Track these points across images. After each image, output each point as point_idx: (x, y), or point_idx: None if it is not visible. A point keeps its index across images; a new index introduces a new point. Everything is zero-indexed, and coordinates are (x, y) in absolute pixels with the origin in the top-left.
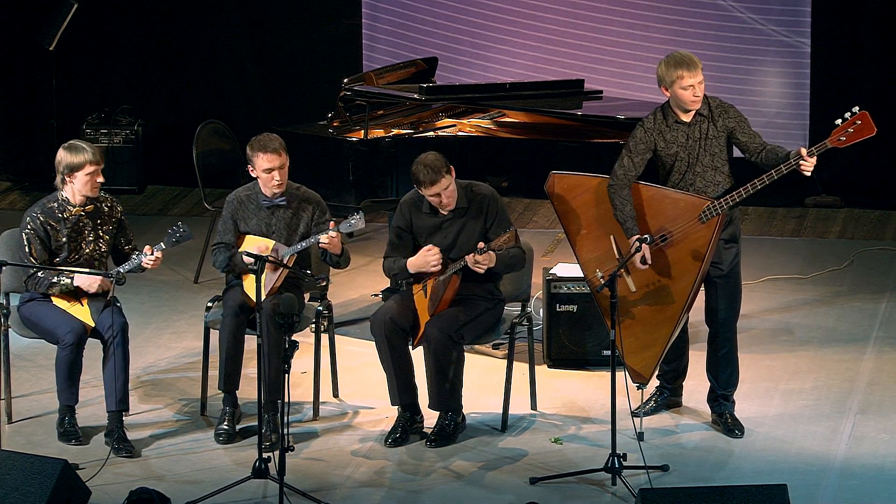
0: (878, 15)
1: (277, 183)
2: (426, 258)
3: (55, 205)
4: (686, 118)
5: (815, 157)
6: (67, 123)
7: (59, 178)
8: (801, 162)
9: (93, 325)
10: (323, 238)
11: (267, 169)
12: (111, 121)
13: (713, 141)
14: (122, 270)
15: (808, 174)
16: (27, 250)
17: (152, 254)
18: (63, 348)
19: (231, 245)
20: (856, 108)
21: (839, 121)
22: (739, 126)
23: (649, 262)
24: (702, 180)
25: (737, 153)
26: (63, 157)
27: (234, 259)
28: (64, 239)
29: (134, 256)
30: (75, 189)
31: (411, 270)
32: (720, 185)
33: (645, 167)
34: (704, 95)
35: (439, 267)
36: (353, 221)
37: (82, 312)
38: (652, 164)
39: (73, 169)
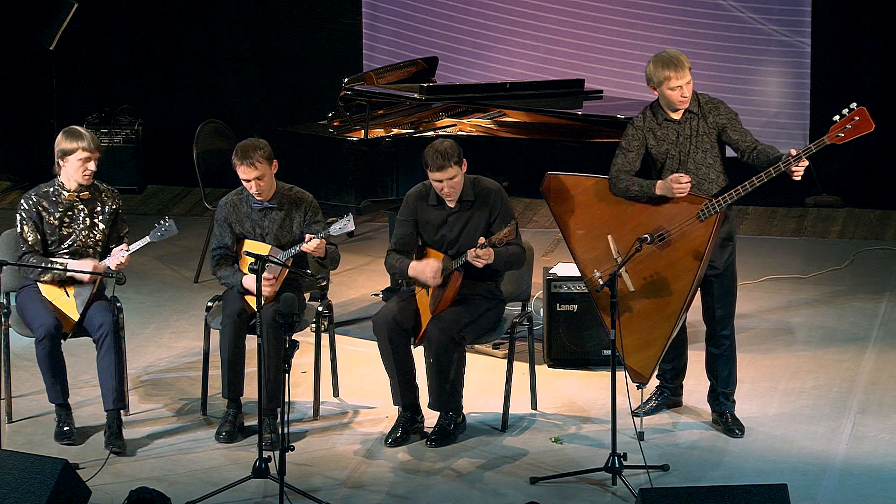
0: (877, 15)
1: (256, 192)
2: (425, 270)
3: (51, 189)
4: (676, 116)
5: (807, 160)
6: (67, 123)
7: (55, 163)
8: (792, 168)
9: (76, 317)
10: (305, 246)
11: (245, 179)
12: (111, 121)
13: (704, 137)
14: (110, 266)
15: (798, 178)
16: (19, 231)
17: (123, 252)
18: (37, 343)
19: (230, 250)
20: (853, 105)
21: (837, 117)
22: (730, 123)
23: (685, 181)
24: (695, 177)
25: (730, 152)
26: (60, 140)
27: (233, 278)
28: (56, 222)
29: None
30: (68, 174)
31: (410, 274)
32: (714, 182)
33: (640, 166)
34: (694, 92)
35: (439, 281)
36: (342, 225)
37: (68, 303)
38: (645, 163)
39: (65, 153)
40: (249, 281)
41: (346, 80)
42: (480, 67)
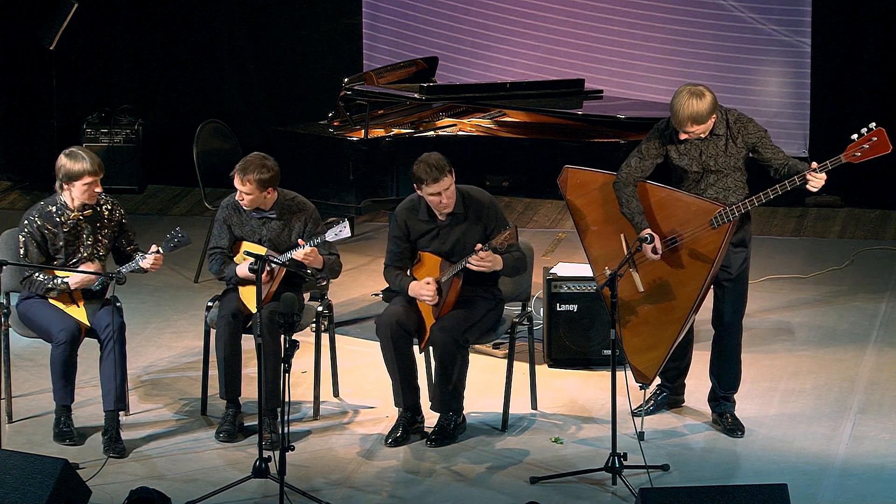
0: (877, 15)
1: (245, 202)
2: (420, 291)
3: (53, 209)
4: (701, 134)
5: (825, 174)
6: (67, 123)
7: (57, 184)
8: (809, 177)
9: (88, 325)
10: (296, 254)
11: (235, 186)
12: (111, 121)
13: (731, 158)
14: (122, 271)
15: (815, 190)
16: (22, 253)
17: (155, 252)
18: (56, 346)
19: (226, 251)
20: (872, 125)
21: (855, 136)
22: (761, 142)
23: (661, 251)
24: (714, 190)
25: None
26: (63, 164)
27: (228, 271)
28: (61, 243)
29: (137, 256)
30: (73, 196)
31: (410, 294)
32: (732, 192)
33: (657, 171)
34: (722, 109)
35: (435, 300)
36: (338, 231)
37: (78, 312)
38: (664, 168)
39: (71, 178)
40: (244, 269)
41: (346, 80)
42: (480, 67)
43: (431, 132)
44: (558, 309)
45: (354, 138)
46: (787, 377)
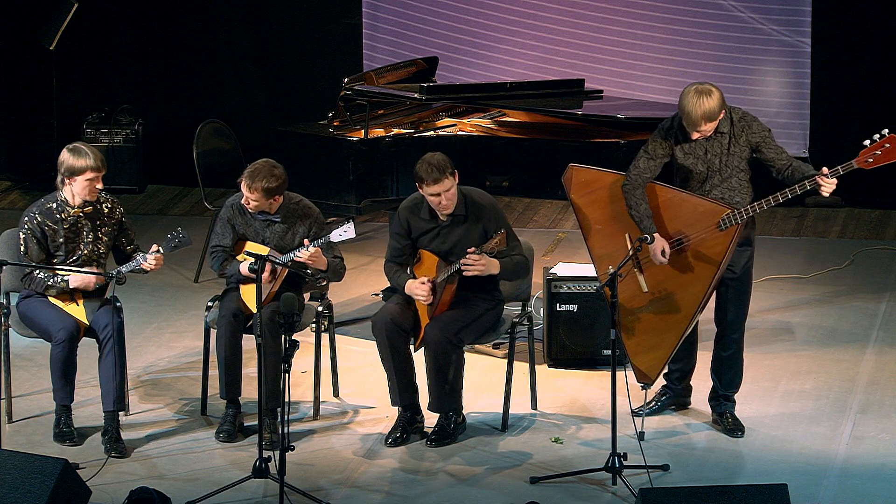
0: (877, 14)
1: (250, 206)
2: (415, 290)
3: (54, 205)
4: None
5: (836, 179)
6: (67, 123)
7: (59, 178)
8: (820, 182)
9: (87, 323)
10: (300, 254)
11: (245, 195)
12: (111, 121)
13: (734, 157)
14: (122, 270)
15: (827, 195)
16: (22, 250)
17: (156, 252)
18: (55, 345)
19: (229, 250)
20: (885, 131)
21: (867, 142)
22: (764, 142)
23: (668, 255)
24: (719, 191)
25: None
26: (66, 158)
27: (230, 268)
28: (61, 240)
29: (138, 256)
30: (74, 191)
31: (406, 293)
32: (737, 192)
33: (661, 171)
34: (727, 107)
35: (429, 300)
36: (342, 232)
37: (77, 311)
38: (668, 168)
39: (73, 173)
40: (246, 267)
41: (346, 80)
42: (480, 67)
43: (431, 132)
44: (558, 309)
45: (354, 138)
46: (787, 377)
